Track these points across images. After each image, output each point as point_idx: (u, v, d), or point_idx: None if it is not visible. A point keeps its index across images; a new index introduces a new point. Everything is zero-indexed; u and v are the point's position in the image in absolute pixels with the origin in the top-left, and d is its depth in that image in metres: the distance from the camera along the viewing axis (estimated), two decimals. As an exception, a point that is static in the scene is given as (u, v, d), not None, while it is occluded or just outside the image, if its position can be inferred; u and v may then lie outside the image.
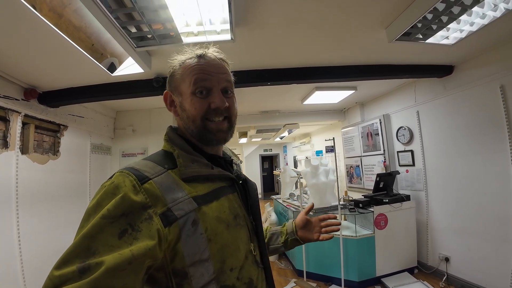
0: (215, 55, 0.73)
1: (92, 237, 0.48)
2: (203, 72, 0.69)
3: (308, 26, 1.89)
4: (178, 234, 0.56)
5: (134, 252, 0.48)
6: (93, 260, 0.45)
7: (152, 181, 0.58)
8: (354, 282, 3.10)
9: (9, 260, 2.18)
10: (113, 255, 0.47)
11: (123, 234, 0.50)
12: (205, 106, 0.68)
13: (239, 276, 0.63)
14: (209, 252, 0.59)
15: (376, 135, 4.13)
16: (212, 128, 0.69)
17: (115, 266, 0.45)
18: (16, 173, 2.29)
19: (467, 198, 2.82)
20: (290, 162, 10.22)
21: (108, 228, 0.49)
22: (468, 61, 2.74)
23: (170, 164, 0.65)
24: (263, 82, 2.61)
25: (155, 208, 0.55)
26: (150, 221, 0.53)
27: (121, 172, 0.58)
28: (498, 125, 2.48)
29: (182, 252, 0.56)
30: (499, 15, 1.77)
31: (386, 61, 2.66)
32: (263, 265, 0.74)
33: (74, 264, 0.45)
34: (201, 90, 0.68)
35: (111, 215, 0.50)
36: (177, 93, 0.71)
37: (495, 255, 2.54)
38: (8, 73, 2.20)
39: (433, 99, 3.20)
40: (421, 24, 1.82)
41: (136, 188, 0.55)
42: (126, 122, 3.97)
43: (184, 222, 0.57)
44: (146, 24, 1.58)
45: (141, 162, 0.64)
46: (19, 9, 1.37)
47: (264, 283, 0.73)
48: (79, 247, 0.47)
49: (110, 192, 0.54)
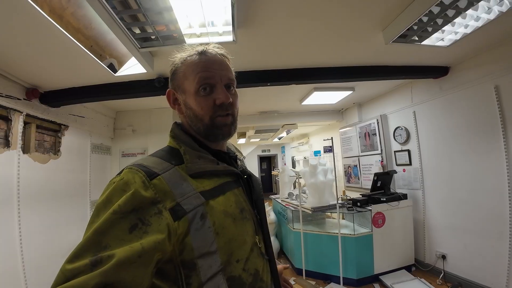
0: (216, 51, 0.73)
1: (104, 232, 0.49)
2: (206, 69, 0.69)
3: (307, 28, 1.94)
4: (187, 227, 0.57)
5: (144, 245, 0.49)
6: (105, 253, 0.47)
7: (161, 176, 0.59)
8: (353, 280, 3.14)
9: (10, 259, 2.19)
10: (124, 248, 0.48)
11: (134, 229, 0.51)
12: (210, 103, 0.69)
13: (245, 267, 0.65)
14: (217, 245, 0.60)
15: (373, 135, 4.19)
16: (218, 124, 0.71)
17: (126, 259, 0.47)
18: (18, 172, 2.31)
19: (463, 196, 2.88)
20: (288, 162, 10.26)
21: (119, 223, 0.51)
22: (463, 62, 2.80)
23: (177, 160, 0.66)
24: (263, 83, 2.65)
25: (165, 203, 0.56)
26: (159, 216, 0.54)
27: (130, 168, 0.59)
28: (492, 125, 2.54)
29: (191, 245, 0.57)
30: (493, 18, 1.82)
31: (383, 63, 2.71)
32: (268, 256, 0.76)
33: (87, 257, 0.46)
34: (204, 87, 0.69)
35: (122, 211, 0.52)
36: (181, 91, 0.72)
37: (491, 252, 2.59)
38: (10, 73, 2.21)
39: (429, 100, 3.26)
40: (417, 26, 1.87)
41: (145, 184, 0.56)
42: (126, 122, 3.98)
43: (193, 216, 0.58)
44: (150, 25, 1.61)
45: (149, 159, 0.65)
46: (22, 9, 1.38)
47: (269, 274, 0.75)
48: (90, 242, 0.48)
49: (120, 188, 0.55)
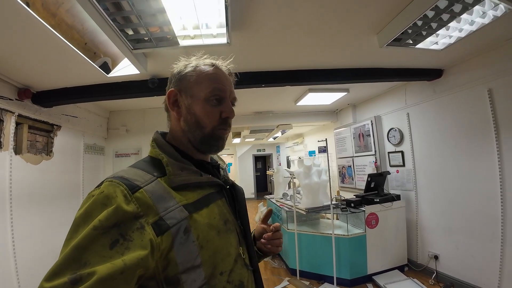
0: (227, 68, 0.77)
1: (83, 248, 0.47)
2: (220, 82, 0.72)
3: (302, 30, 1.94)
4: (171, 242, 0.56)
5: (126, 261, 0.48)
6: (85, 271, 0.45)
7: (143, 189, 0.57)
8: (346, 280, 3.16)
9: (3, 261, 2.17)
10: (106, 265, 0.46)
11: (115, 245, 0.49)
12: (217, 115, 0.71)
13: (229, 279, 0.64)
14: (201, 259, 0.59)
15: (367, 136, 4.21)
16: (218, 136, 0.72)
17: (107, 276, 0.45)
18: (10, 173, 2.28)
19: (455, 197, 2.91)
20: (283, 162, 10.28)
21: (99, 239, 0.49)
22: (457, 65, 2.82)
23: (159, 172, 0.64)
24: (257, 84, 2.65)
25: (147, 218, 0.54)
26: (142, 231, 0.52)
27: (111, 181, 0.57)
28: (485, 128, 2.56)
29: (175, 260, 0.56)
30: (487, 22, 1.83)
31: (377, 65, 2.72)
32: (252, 267, 0.75)
33: (65, 275, 0.44)
34: (217, 98, 0.70)
35: (103, 226, 0.50)
36: (188, 94, 0.71)
37: (483, 253, 2.62)
38: (2, 73, 2.18)
39: (423, 102, 3.28)
40: (411, 30, 1.88)
41: (127, 198, 0.54)
42: (119, 122, 3.96)
43: (176, 231, 0.57)
44: (143, 27, 1.60)
45: (130, 171, 0.62)
46: (12, 8, 1.36)
47: (253, 284, 0.74)
48: (69, 259, 0.47)
49: (100, 202, 0.53)
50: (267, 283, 3.40)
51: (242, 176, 11.19)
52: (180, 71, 0.73)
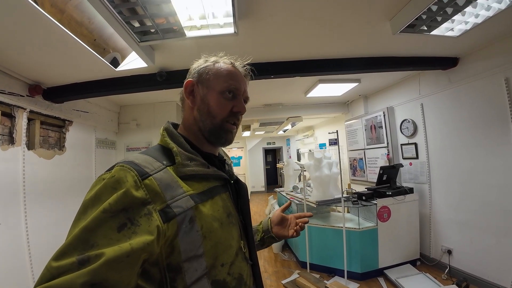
0: (244, 69, 0.81)
1: (92, 230, 0.49)
2: (237, 79, 0.76)
3: (311, 18, 1.88)
4: (176, 230, 0.58)
5: (133, 245, 0.49)
6: (93, 252, 0.47)
7: (152, 177, 0.59)
8: (357, 274, 3.13)
9: (17, 254, 2.23)
10: (113, 247, 0.48)
11: (122, 228, 0.51)
12: (229, 108, 0.74)
13: (229, 271, 0.66)
14: (203, 249, 0.61)
15: (379, 127, 4.12)
16: (226, 128, 0.74)
17: (115, 258, 0.47)
18: (23, 168, 2.33)
19: (470, 191, 2.82)
20: (293, 155, 10.22)
21: (108, 222, 0.50)
22: (473, 53, 2.70)
23: (168, 160, 0.66)
24: (266, 75, 2.60)
25: (155, 205, 0.56)
26: (149, 217, 0.54)
27: (122, 166, 0.58)
28: (502, 118, 2.46)
29: (179, 248, 0.58)
30: (504, 7, 1.75)
31: (390, 53, 2.63)
32: (251, 261, 0.77)
33: (73, 256, 0.46)
34: (230, 92, 0.74)
35: (112, 209, 0.51)
36: (204, 85, 0.74)
37: (497, 248, 2.55)
38: (13, 70, 2.21)
39: (438, 92, 3.17)
40: (426, 16, 1.80)
41: (137, 184, 0.56)
42: (130, 117, 4.01)
43: (182, 219, 0.59)
44: (149, 18, 1.58)
45: (141, 157, 0.64)
46: (22, 5, 1.37)
47: (252, 278, 0.76)
48: (78, 240, 0.48)
49: (111, 186, 0.55)
50: (277, 275, 3.41)
51: (252, 169, 11.20)
52: (199, 65, 0.77)
